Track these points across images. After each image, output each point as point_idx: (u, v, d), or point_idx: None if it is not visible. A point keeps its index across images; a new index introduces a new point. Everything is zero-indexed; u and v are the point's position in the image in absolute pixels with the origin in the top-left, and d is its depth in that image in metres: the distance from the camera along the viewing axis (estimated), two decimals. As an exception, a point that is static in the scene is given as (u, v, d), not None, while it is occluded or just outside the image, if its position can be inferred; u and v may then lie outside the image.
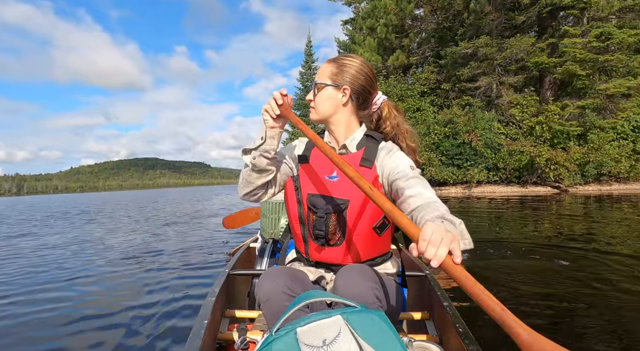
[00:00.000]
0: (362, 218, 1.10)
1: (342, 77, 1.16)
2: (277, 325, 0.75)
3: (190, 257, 4.47)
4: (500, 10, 17.36)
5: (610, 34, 14.40)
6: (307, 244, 1.18)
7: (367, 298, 0.94)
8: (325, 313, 0.75)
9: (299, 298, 0.83)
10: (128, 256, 4.69)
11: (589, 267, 3.25)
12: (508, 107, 17.40)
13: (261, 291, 1.03)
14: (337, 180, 1.13)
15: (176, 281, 3.33)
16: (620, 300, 2.43)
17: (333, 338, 0.70)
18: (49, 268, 4.20)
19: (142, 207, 16.71)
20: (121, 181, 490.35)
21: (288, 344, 0.70)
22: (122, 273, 3.81)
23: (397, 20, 21.16)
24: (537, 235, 5.18)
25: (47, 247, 5.81)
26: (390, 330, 0.73)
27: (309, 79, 35.45)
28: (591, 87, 15.49)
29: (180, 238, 6.19)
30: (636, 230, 5.22)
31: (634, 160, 14.42)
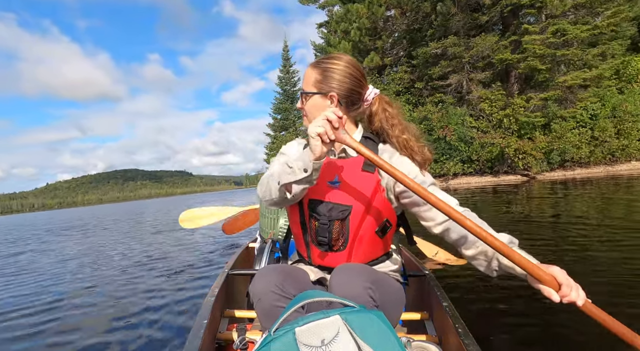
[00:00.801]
0: (364, 224, 1.09)
1: (327, 83, 1.11)
2: (276, 324, 0.75)
3: (189, 258, 4.63)
4: (465, 11, 18.36)
5: (565, 30, 15.53)
6: (309, 249, 1.18)
7: (360, 298, 0.93)
8: (323, 313, 0.75)
9: (299, 298, 0.83)
10: (128, 261, 4.92)
11: (557, 236, 3.99)
12: (478, 102, 18.41)
13: (254, 290, 1.02)
14: (339, 186, 1.11)
15: (176, 282, 3.44)
16: (585, 257, 3.11)
17: (332, 338, 0.71)
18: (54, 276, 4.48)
19: (131, 219, 16.88)
20: (101, 194, 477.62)
21: (287, 344, 0.70)
22: (123, 276, 3.93)
23: (370, 24, 21.98)
24: (510, 216, 5.96)
25: (56, 260, 6.15)
26: (389, 330, 0.74)
27: (288, 83, 36.00)
28: (552, 80, 16.61)
29: (177, 242, 6.49)
30: (594, 206, 6.08)
31: (593, 146, 15.58)
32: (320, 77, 1.12)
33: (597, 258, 3.07)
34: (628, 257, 2.97)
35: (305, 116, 1.18)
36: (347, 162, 1.14)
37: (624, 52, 17.45)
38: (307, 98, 1.15)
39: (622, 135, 15.38)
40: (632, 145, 15.21)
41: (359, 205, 1.08)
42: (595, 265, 2.88)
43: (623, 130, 15.34)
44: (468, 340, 1.00)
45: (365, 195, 1.09)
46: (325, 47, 32.12)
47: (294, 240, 1.28)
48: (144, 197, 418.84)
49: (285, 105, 34.95)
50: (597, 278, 2.58)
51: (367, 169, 1.11)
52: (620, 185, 9.24)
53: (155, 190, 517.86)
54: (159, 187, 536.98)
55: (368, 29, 22.86)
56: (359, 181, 1.10)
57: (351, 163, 1.13)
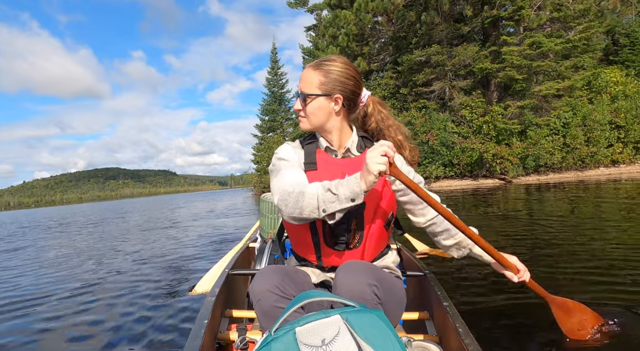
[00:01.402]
0: (376, 218, 1.13)
1: (332, 85, 1.13)
2: (276, 324, 0.76)
3: (188, 257, 4.64)
4: (448, 21, 19.18)
5: (540, 43, 16.47)
6: (320, 252, 1.16)
7: (365, 295, 0.94)
8: (324, 312, 0.75)
9: (299, 298, 0.83)
10: (125, 260, 4.89)
11: (528, 232, 4.54)
12: (459, 108, 19.24)
13: (253, 290, 1.03)
14: None
15: (175, 281, 3.42)
16: (552, 248, 3.67)
17: (332, 338, 0.71)
18: (55, 272, 4.45)
19: (118, 217, 16.94)
20: (81, 193, 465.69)
21: (287, 344, 0.70)
22: (121, 276, 3.88)
23: (357, 30, 22.57)
24: (488, 215, 6.57)
25: (50, 255, 6.25)
26: (389, 330, 0.74)
27: (276, 85, 36.34)
28: (528, 89, 17.54)
29: (175, 240, 6.50)
30: (563, 208, 6.75)
31: (565, 153, 16.54)
32: (324, 79, 1.13)
33: (563, 249, 3.59)
34: (590, 248, 3.51)
35: (303, 117, 1.18)
36: (354, 160, 1.17)
37: (595, 64, 18.57)
38: (310, 100, 1.14)
39: (591, 143, 16.39)
40: (600, 153, 16.22)
41: (371, 201, 1.11)
42: (560, 255, 3.38)
43: (592, 138, 16.34)
44: (468, 340, 1.01)
45: (375, 190, 1.12)
46: (314, 51, 32.60)
47: (293, 244, 1.26)
48: (126, 197, 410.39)
49: (273, 107, 35.29)
50: (560, 266, 3.04)
51: None
52: (589, 189, 10.02)
53: (138, 189, 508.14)
54: (142, 187, 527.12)
55: (355, 35, 23.45)
56: None
57: (358, 161, 1.16)
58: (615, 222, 4.80)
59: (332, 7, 26.41)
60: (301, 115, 1.18)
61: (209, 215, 12.48)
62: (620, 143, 16.28)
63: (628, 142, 16.23)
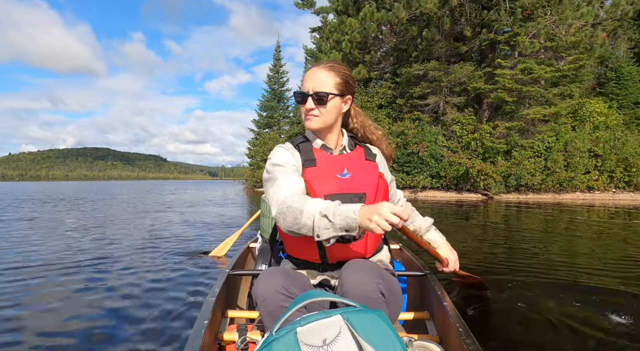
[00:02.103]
0: None
1: (344, 87, 1.21)
2: (277, 324, 0.76)
3: (189, 256, 4.24)
4: (448, 40, 19.98)
5: (532, 69, 17.36)
6: (323, 248, 1.17)
7: (371, 293, 0.96)
8: (325, 312, 0.76)
9: (300, 298, 0.83)
10: (119, 253, 4.37)
11: (502, 242, 5.19)
12: (451, 123, 20.08)
13: (258, 291, 1.04)
14: (350, 177, 1.19)
15: (175, 280, 3.21)
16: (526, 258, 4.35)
17: (333, 338, 0.71)
18: (40, 264, 3.86)
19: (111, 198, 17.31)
20: (67, 171, 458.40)
21: (288, 344, 0.70)
22: (117, 272, 3.50)
23: (361, 38, 23.27)
24: (468, 225, 7.27)
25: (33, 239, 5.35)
26: (390, 330, 0.74)
27: (277, 82, 36.87)
28: (517, 112, 18.44)
29: (175, 234, 5.98)
30: (538, 225, 7.49)
31: (545, 175, 17.47)
32: (339, 80, 1.20)
33: (535, 260, 3.99)
34: (555, 260, 3.93)
35: (316, 117, 1.20)
36: (349, 155, 1.26)
37: (583, 94, 19.57)
38: (329, 99, 1.18)
39: (570, 168, 17.34)
40: (578, 178, 17.19)
41: (370, 191, 1.18)
42: (532, 266, 3.69)
43: (571, 164, 17.29)
44: (469, 339, 1.01)
45: (372, 181, 1.21)
46: (317, 53, 33.21)
47: (289, 247, 1.27)
48: (114, 178, 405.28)
49: (272, 104, 35.80)
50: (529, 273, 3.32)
51: (370, 158, 1.27)
52: (564, 211, 10.78)
53: (127, 172, 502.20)
54: (131, 170, 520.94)
55: (359, 43, 24.15)
56: (366, 169, 1.24)
57: (353, 156, 1.25)
58: (583, 240, 5.49)
59: (338, 13, 27.05)
60: (313, 114, 1.21)
61: (210, 203, 13.02)
62: (596, 171, 17.25)
63: (604, 170, 17.21)
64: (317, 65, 1.23)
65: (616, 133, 17.40)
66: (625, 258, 4.10)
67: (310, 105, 1.20)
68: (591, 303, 2.48)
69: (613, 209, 11.30)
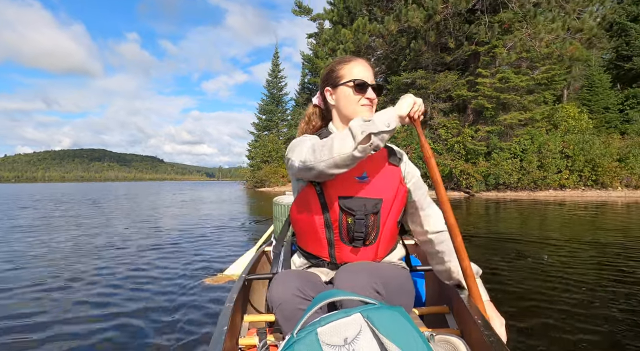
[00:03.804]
0: (391, 215, 1.16)
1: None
2: (298, 326, 0.76)
3: (205, 261, 4.26)
4: (434, 50, 21.73)
5: (509, 78, 19.13)
6: (333, 248, 1.17)
7: (366, 293, 0.97)
8: (344, 311, 0.76)
9: (318, 298, 0.83)
10: (132, 256, 4.51)
11: (483, 234, 6.89)
12: (437, 127, 21.82)
13: (273, 295, 1.04)
14: (368, 180, 1.15)
15: (191, 287, 3.19)
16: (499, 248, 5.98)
17: (354, 337, 0.72)
18: (51, 266, 4.04)
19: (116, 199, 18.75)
20: (64, 172, 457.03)
21: (309, 345, 0.71)
22: (132, 278, 3.50)
23: (354, 48, 24.98)
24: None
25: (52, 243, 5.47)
26: (411, 325, 0.74)
27: (275, 87, 38.56)
28: (496, 117, 20.20)
29: (189, 240, 5.79)
30: (514, 217, 9.07)
31: (521, 174, 19.24)
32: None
33: (508, 248, 4.74)
34: (526, 249, 4.68)
35: (372, 107, 1.23)
36: (371, 156, 1.14)
37: (554, 100, 21.37)
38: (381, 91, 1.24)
39: (543, 168, 19.11)
40: (550, 177, 18.96)
41: (388, 198, 1.14)
42: (505, 255, 4.39)
43: (545, 164, 19.06)
44: (488, 331, 1.01)
45: (392, 187, 1.16)
46: (313, 59, 34.92)
47: (302, 241, 1.26)
48: (111, 179, 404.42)
49: (271, 107, 37.48)
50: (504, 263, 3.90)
51: (393, 162, 1.20)
52: (538, 207, 12.33)
53: (123, 173, 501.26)
54: (127, 171, 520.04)
55: (352, 52, 25.90)
56: (387, 174, 1.18)
57: (376, 158, 1.18)
58: (554, 232, 6.34)
59: (333, 23, 28.76)
60: (375, 103, 1.23)
61: (216, 201, 14.62)
62: (567, 171, 19.03)
63: (574, 170, 18.99)
64: (363, 58, 1.27)
65: (585, 136, 19.20)
66: (591, 242, 5.16)
67: (373, 95, 1.21)
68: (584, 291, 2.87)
69: (582, 205, 12.87)
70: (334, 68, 1.25)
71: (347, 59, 1.25)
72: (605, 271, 3.57)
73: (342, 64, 1.24)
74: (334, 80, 1.23)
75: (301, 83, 38.37)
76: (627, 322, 2.30)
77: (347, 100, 1.21)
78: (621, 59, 23.07)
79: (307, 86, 38.17)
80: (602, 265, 3.85)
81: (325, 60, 29.15)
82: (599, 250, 4.68)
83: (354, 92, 1.19)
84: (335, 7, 27.98)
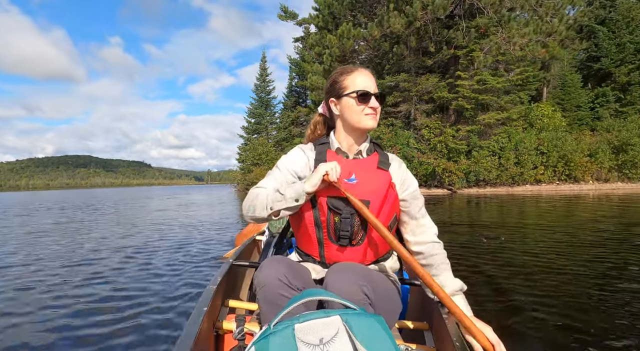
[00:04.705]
0: (380, 218, 1.16)
1: None
2: (276, 319, 0.76)
3: (193, 247, 4.77)
4: (416, 55, 22.74)
5: (486, 80, 20.23)
6: (322, 247, 1.20)
7: (354, 295, 0.97)
8: (324, 312, 0.76)
9: (302, 295, 0.84)
10: (126, 246, 4.98)
11: (465, 227, 7.73)
12: (421, 127, 22.83)
13: (260, 277, 1.06)
14: (357, 183, 1.19)
15: (177, 270, 3.43)
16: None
17: (330, 338, 0.72)
18: (45, 259, 4.41)
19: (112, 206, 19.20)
20: (48, 180, 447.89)
21: (285, 339, 0.71)
22: (120, 262, 3.83)
23: (340, 53, 25.87)
24: (436, 216, 9.81)
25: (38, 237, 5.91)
26: (388, 337, 0.74)
27: (263, 91, 39.22)
28: (475, 117, 21.29)
29: (180, 229, 6.79)
30: (494, 212, 9.90)
31: (500, 171, 20.35)
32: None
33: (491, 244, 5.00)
34: (509, 246, 4.85)
35: (376, 116, 1.24)
36: (361, 161, 1.25)
37: (530, 100, 22.58)
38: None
39: (520, 164, 20.25)
40: (527, 173, 20.12)
41: (376, 200, 1.16)
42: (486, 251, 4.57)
43: (521, 161, 20.21)
44: None
45: (380, 190, 1.18)
46: (300, 62, 35.67)
47: (298, 240, 1.30)
48: (97, 186, 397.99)
49: (260, 111, 38.14)
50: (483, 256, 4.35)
51: (382, 167, 1.23)
52: (515, 201, 13.36)
53: (110, 179, 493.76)
54: (114, 177, 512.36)
55: (338, 56, 26.76)
56: (375, 177, 1.21)
57: (366, 162, 1.24)
58: (530, 222, 7.15)
59: (319, 28, 29.57)
60: (378, 112, 1.25)
61: (215, 203, 15.27)
62: (542, 166, 20.21)
63: (549, 165, 20.18)
64: (364, 68, 1.28)
65: (558, 133, 20.41)
66: (566, 231, 5.75)
67: (376, 104, 1.23)
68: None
69: (557, 198, 13.94)
70: (337, 79, 1.27)
71: (350, 70, 1.27)
72: (575, 256, 4.07)
73: (344, 75, 1.26)
74: (337, 91, 1.26)
75: (289, 86, 39.10)
76: (586, 297, 2.70)
77: (352, 110, 1.23)
78: (591, 60, 24.44)
79: (294, 89, 38.93)
80: (574, 249, 4.40)
81: (312, 65, 29.96)
82: (572, 236, 5.22)
83: (357, 102, 1.22)
84: (321, 12, 28.80)
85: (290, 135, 36.15)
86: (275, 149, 34.76)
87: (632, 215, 7.99)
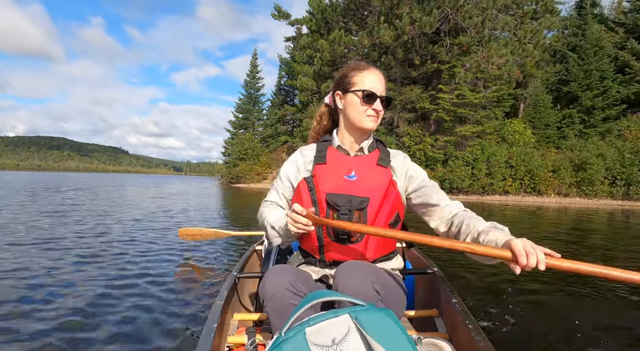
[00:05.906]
0: (380, 215, 1.16)
1: None
2: (287, 326, 0.76)
3: (196, 258, 4.16)
4: (402, 66, 24.02)
5: (465, 95, 21.69)
6: (322, 245, 1.20)
7: (366, 291, 0.97)
8: (333, 312, 0.76)
9: (308, 298, 0.84)
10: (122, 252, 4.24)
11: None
12: (402, 134, 24.14)
13: (266, 288, 1.05)
14: (356, 180, 1.19)
15: (181, 284, 3.16)
16: None
17: (342, 337, 0.72)
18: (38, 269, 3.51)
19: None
20: (18, 160, 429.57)
21: (297, 344, 0.71)
22: (121, 276, 3.32)
23: (330, 57, 26.89)
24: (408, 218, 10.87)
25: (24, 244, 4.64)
26: (399, 328, 0.74)
27: (253, 87, 39.80)
28: (453, 128, 22.75)
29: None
30: None
31: (472, 181, 21.87)
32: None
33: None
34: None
35: (378, 118, 1.23)
36: (361, 158, 1.24)
37: (505, 115, 24.24)
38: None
39: (491, 175, 21.84)
40: (496, 184, 21.71)
41: (375, 197, 1.15)
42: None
43: (492, 172, 21.79)
44: (479, 336, 1.00)
45: (380, 187, 1.17)
46: (291, 62, 36.48)
47: (300, 240, 1.29)
48: (70, 170, 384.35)
49: (248, 107, 38.71)
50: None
51: (382, 163, 1.22)
52: (485, 209, 14.49)
53: (84, 163, 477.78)
54: (89, 161, 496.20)
55: (328, 60, 27.75)
56: (375, 174, 1.20)
57: (366, 159, 1.23)
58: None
59: (311, 31, 30.45)
60: (380, 115, 1.24)
61: (204, 195, 15.92)
62: (510, 179, 21.85)
63: (516, 178, 21.83)
64: (377, 68, 1.25)
65: (526, 149, 22.11)
66: (529, 236, 7.32)
67: (380, 107, 1.22)
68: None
69: (524, 208, 15.24)
70: (348, 74, 1.25)
71: (362, 67, 1.24)
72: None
73: (356, 70, 1.24)
74: (345, 85, 1.24)
75: (277, 85, 39.84)
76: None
77: (355, 108, 1.22)
78: (562, 83, 26.36)
79: (283, 88, 39.67)
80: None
81: (302, 66, 30.86)
82: (534, 240, 6.44)
83: (362, 101, 1.20)
84: (314, 16, 29.70)
85: (276, 132, 36.93)
86: (261, 145, 35.46)
87: (585, 225, 9.24)
